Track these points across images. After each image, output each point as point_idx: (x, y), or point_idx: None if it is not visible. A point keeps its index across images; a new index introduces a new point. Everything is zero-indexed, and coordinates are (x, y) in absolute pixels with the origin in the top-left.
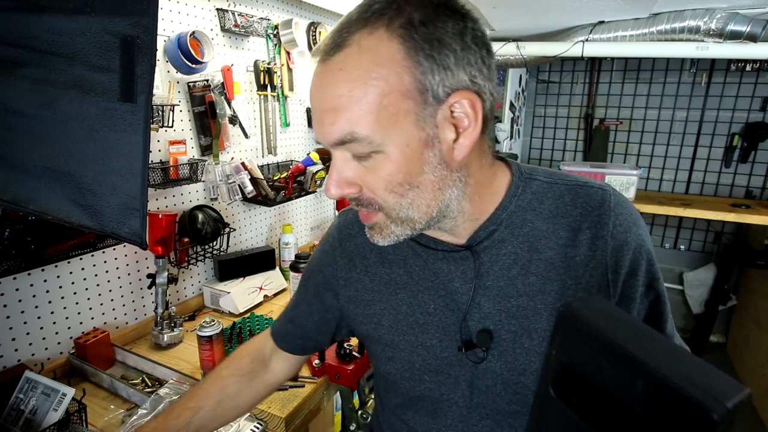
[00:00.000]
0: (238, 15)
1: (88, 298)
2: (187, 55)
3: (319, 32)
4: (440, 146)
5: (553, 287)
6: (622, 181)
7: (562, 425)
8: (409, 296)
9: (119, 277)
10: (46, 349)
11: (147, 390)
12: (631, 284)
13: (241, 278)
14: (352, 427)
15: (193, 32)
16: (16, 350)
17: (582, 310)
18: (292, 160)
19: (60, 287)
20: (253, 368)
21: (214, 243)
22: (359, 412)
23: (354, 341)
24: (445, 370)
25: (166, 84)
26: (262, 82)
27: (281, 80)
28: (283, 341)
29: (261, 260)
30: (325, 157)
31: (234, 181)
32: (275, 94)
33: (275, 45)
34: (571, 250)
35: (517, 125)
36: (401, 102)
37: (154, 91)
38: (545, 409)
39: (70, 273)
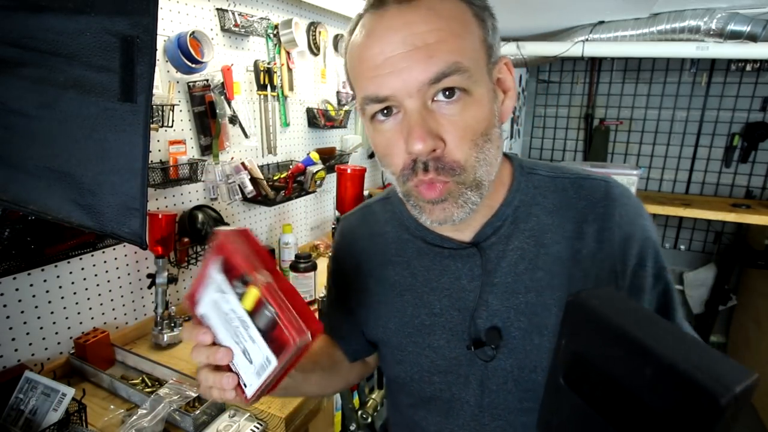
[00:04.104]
0: (238, 15)
1: (88, 298)
2: (187, 54)
3: (319, 32)
4: (497, 102)
5: (561, 281)
6: (622, 181)
7: (573, 415)
8: (414, 298)
9: (119, 277)
10: (46, 349)
11: (147, 390)
12: (640, 275)
13: None
14: (352, 427)
15: (193, 32)
16: (16, 350)
17: (591, 299)
18: (292, 160)
19: (60, 287)
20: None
21: None
22: (359, 412)
23: None
24: (454, 370)
25: (166, 84)
26: (262, 82)
27: (281, 80)
28: (347, 352)
29: None
30: (325, 157)
31: (234, 181)
32: (275, 94)
33: (275, 45)
34: (577, 243)
35: (517, 125)
36: (480, 48)
37: (154, 90)
38: (556, 399)
39: (70, 273)
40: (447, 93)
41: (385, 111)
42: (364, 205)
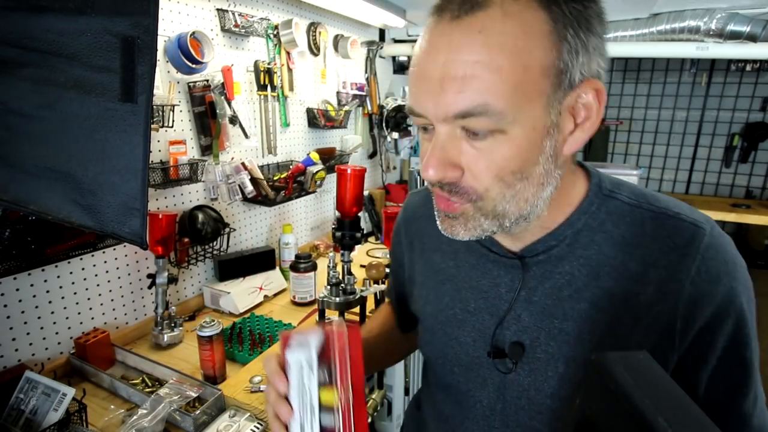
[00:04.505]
0: (238, 15)
1: (88, 298)
2: (187, 55)
3: (319, 32)
4: (557, 136)
5: (606, 320)
6: None
7: None
8: (453, 289)
9: (119, 277)
10: (46, 349)
11: (147, 390)
12: (706, 341)
13: (241, 278)
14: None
15: (193, 32)
16: (16, 350)
17: (616, 364)
18: (292, 160)
19: (60, 287)
20: None
21: (214, 243)
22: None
23: None
24: (474, 369)
25: (167, 84)
26: (262, 82)
27: (281, 80)
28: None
29: (261, 260)
30: (325, 157)
31: (234, 181)
32: (275, 94)
33: (275, 45)
34: (637, 286)
35: None
36: (540, 79)
37: (155, 91)
38: None
39: (70, 273)
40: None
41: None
42: None
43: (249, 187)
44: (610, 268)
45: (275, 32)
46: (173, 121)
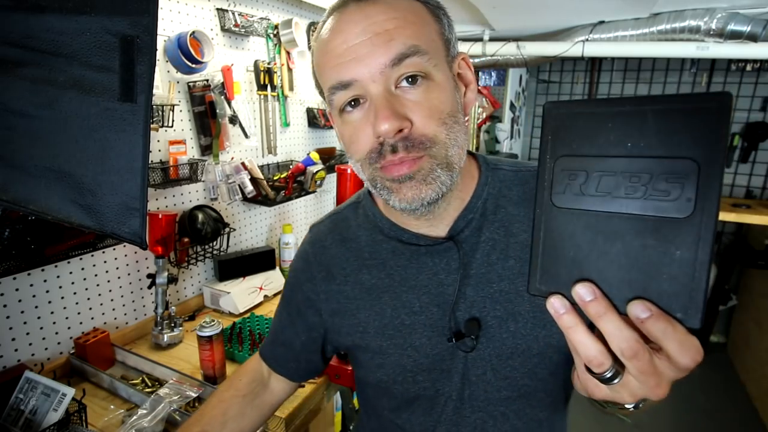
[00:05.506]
0: (238, 15)
1: (88, 298)
2: (187, 55)
3: None
4: (459, 93)
5: None
6: None
7: (576, 231)
8: (392, 299)
9: (119, 277)
10: (46, 349)
11: (147, 390)
12: None
13: (241, 278)
14: (352, 427)
15: (193, 32)
16: (16, 350)
17: (562, 101)
18: (292, 160)
19: (60, 287)
20: (253, 388)
21: (214, 243)
22: (359, 412)
23: None
24: (437, 366)
25: (166, 84)
26: (262, 82)
27: (281, 80)
28: (277, 365)
29: (261, 260)
30: (325, 156)
31: (234, 181)
32: (275, 94)
33: (275, 45)
34: None
35: (517, 125)
36: (437, 39)
37: (154, 90)
38: (549, 227)
39: (70, 273)
40: (410, 79)
41: (353, 103)
42: (334, 212)
43: (249, 187)
44: (518, 223)
45: (275, 32)
46: (173, 120)
